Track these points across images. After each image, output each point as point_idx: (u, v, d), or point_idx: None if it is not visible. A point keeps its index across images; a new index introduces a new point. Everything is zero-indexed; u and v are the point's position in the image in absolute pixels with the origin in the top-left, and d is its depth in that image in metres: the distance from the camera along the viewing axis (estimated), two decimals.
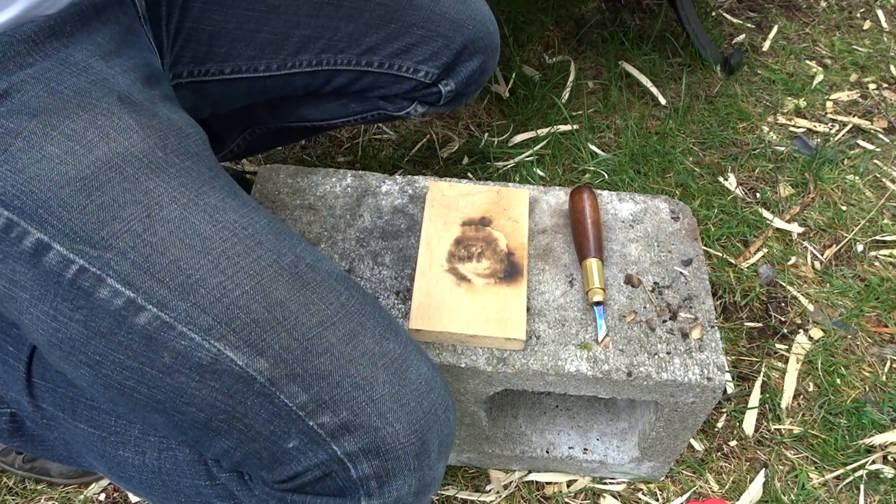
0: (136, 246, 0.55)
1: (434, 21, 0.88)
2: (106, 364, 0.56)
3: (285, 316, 0.56)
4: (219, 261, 0.56)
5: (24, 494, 0.96)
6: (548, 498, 0.98)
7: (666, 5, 1.67)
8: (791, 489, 0.99)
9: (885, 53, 1.64)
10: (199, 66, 0.84)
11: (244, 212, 0.59)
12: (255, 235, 0.58)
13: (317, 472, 0.58)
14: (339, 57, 0.88)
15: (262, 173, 0.93)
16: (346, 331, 0.58)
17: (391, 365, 0.59)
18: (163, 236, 0.55)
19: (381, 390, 0.57)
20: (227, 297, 0.55)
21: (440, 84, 0.93)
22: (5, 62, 0.56)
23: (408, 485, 0.59)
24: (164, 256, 0.55)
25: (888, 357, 1.13)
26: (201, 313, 0.55)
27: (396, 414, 0.57)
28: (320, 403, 0.56)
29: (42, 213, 0.54)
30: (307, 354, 0.56)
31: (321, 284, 0.59)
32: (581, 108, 1.46)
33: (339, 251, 0.86)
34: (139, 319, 0.55)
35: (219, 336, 0.55)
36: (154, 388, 0.57)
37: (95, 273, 0.54)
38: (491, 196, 0.88)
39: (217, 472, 0.68)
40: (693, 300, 0.83)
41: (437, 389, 0.61)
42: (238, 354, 0.55)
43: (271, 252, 0.58)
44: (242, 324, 0.55)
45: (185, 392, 0.56)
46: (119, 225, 0.55)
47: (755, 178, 1.37)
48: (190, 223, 0.56)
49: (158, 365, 0.56)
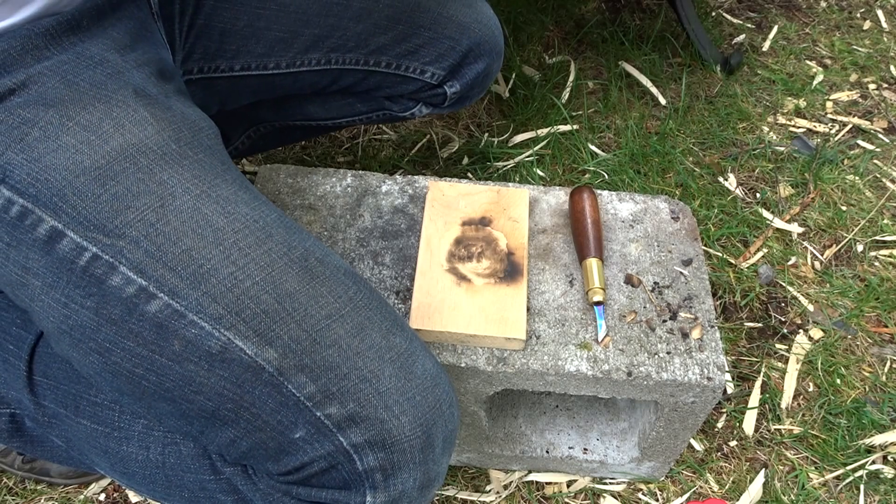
0: (148, 235, 0.56)
1: (441, 23, 0.89)
2: (116, 351, 0.57)
3: (295, 307, 0.57)
4: (230, 251, 0.57)
5: (23, 494, 0.96)
6: (548, 498, 0.98)
7: (666, 5, 1.67)
8: (791, 489, 0.99)
9: (885, 53, 1.65)
10: (210, 63, 0.85)
11: (255, 205, 0.60)
12: (266, 228, 0.59)
13: (322, 464, 0.58)
14: (347, 56, 0.89)
15: (263, 173, 0.94)
16: (355, 324, 0.59)
17: (398, 359, 0.59)
18: (175, 226, 0.56)
19: (388, 383, 0.58)
20: (238, 287, 0.56)
21: (445, 85, 0.94)
22: (24, 55, 0.57)
23: (412, 478, 0.59)
24: (177, 246, 0.56)
25: (888, 357, 1.13)
26: (212, 302, 0.55)
27: (402, 407, 0.58)
28: (328, 394, 0.57)
29: (57, 202, 0.55)
30: (316, 346, 0.57)
31: (330, 278, 0.60)
32: (581, 108, 1.47)
33: (339, 251, 0.86)
34: (150, 307, 0.55)
35: (229, 325, 0.56)
36: (163, 376, 0.57)
37: (108, 261, 0.55)
38: (491, 196, 0.88)
39: (221, 467, 0.68)
40: (693, 300, 0.83)
41: (442, 385, 0.62)
42: (247, 344, 0.56)
43: (282, 245, 0.59)
44: (252, 314, 0.56)
45: (194, 380, 0.57)
46: (132, 214, 0.56)
47: (755, 178, 1.37)
48: (202, 214, 0.57)
49: (168, 353, 0.56)
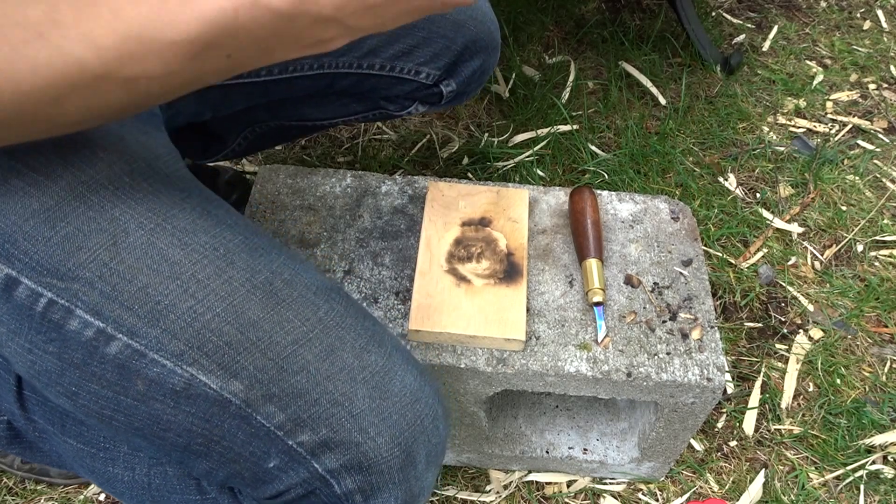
0: (103, 275, 0.54)
1: (435, 22, 0.88)
2: (82, 395, 0.56)
3: (259, 336, 0.56)
4: (188, 284, 0.55)
5: (23, 495, 0.96)
6: (548, 498, 0.98)
7: (666, 5, 1.67)
8: (791, 489, 0.99)
9: (885, 53, 1.64)
10: None
11: (216, 231, 0.58)
12: (227, 255, 0.57)
13: (300, 490, 0.58)
14: (340, 60, 0.88)
15: (262, 174, 0.94)
16: (324, 346, 0.57)
17: (372, 378, 0.58)
18: (130, 264, 0.55)
19: (362, 405, 0.57)
20: (198, 321, 0.55)
21: (441, 84, 0.93)
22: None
23: (394, 497, 0.58)
24: (132, 284, 0.54)
25: (888, 357, 1.13)
26: (172, 339, 0.54)
27: (378, 428, 0.57)
28: (298, 422, 0.56)
29: (9, 248, 0.54)
30: (283, 373, 0.56)
31: (297, 300, 0.58)
32: (581, 109, 1.46)
33: (338, 251, 0.86)
34: (110, 349, 0.54)
35: (191, 361, 0.54)
36: (131, 416, 0.56)
37: (64, 305, 0.54)
38: (491, 196, 0.88)
39: (207, 487, 0.67)
40: (693, 300, 0.83)
41: (424, 399, 0.60)
42: (211, 378, 0.55)
43: (244, 271, 0.57)
44: (214, 347, 0.55)
45: (162, 418, 0.56)
46: (85, 255, 0.54)
47: (755, 178, 1.37)
48: (157, 248, 0.55)
49: (133, 393, 0.55)
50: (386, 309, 0.81)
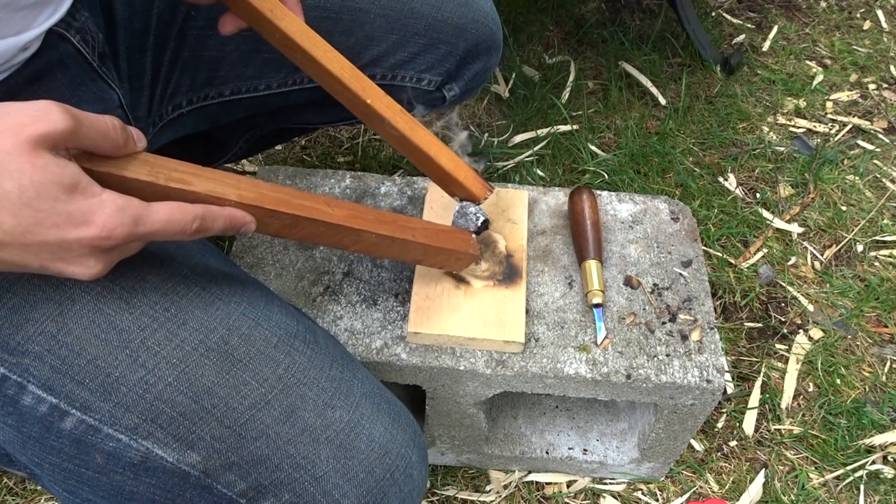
0: (51, 348, 0.53)
1: (436, 28, 0.86)
2: (45, 466, 0.55)
3: (214, 403, 0.54)
4: (138, 353, 0.54)
5: (23, 495, 0.96)
6: (548, 498, 0.98)
7: (666, 5, 1.66)
8: (791, 489, 0.99)
9: (885, 53, 1.64)
10: (199, 93, 0.83)
11: (168, 287, 0.56)
12: (179, 315, 0.55)
13: None
14: None
15: (262, 175, 0.94)
16: (283, 408, 0.56)
17: (336, 437, 0.57)
18: (77, 335, 0.53)
19: (325, 467, 0.56)
20: (150, 393, 0.53)
21: (444, 89, 0.92)
22: None
23: None
24: (81, 357, 0.53)
25: (888, 357, 1.13)
26: (125, 412, 0.53)
27: (343, 490, 0.56)
28: (260, 490, 0.55)
29: None
30: (241, 441, 0.54)
31: (255, 358, 0.56)
32: (581, 109, 1.46)
33: (337, 253, 0.86)
34: (65, 424, 0.53)
35: (146, 434, 0.53)
36: (94, 487, 0.56)
37: (17, 380, 0.53)
38: (490, 197, 0.88)
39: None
40: (692, 302, 0.83)
41: (395, 450, 0.59)
42: (167, 451, 0.54)
43: (197, 331, 0.55)
44: (169, 418, 0.53)
45: (125, 490, 0.55)
46: (33, 327, 0.53)
47: (755, 178, 1.37)
48: (104, 315, 0.54)
49: (93, 466, 0.54)
50: (385, 311, 0.81)
